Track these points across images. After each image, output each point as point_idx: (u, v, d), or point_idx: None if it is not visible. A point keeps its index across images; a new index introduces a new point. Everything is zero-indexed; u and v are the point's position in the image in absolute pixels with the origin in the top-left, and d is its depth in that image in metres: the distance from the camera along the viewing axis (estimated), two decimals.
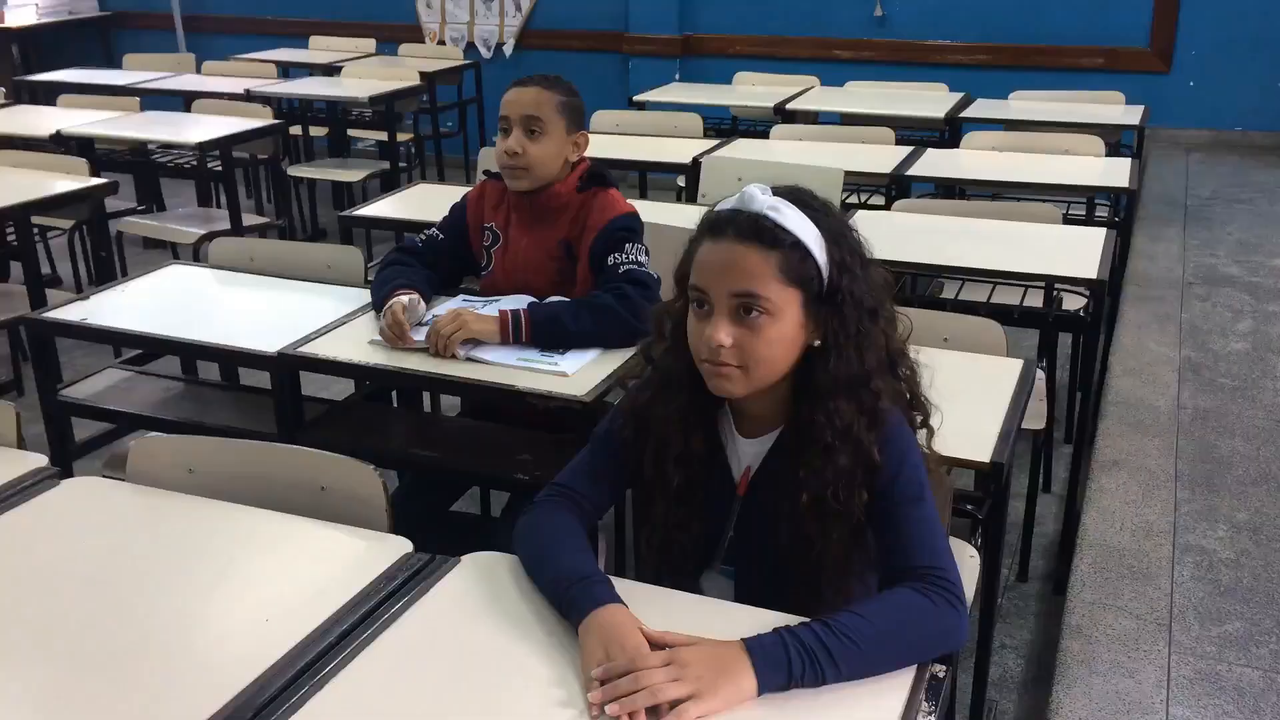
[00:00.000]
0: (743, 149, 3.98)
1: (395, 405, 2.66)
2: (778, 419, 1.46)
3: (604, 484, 1.55)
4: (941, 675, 1.26)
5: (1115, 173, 3.61)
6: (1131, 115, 4.52)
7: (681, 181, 4.11)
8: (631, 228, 2.28)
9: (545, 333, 2.14)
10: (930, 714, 1.20)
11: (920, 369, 1.49)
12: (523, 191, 2.32)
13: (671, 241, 2.58)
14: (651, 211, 2.65)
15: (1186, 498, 2.70)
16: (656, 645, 1.25)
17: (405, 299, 2.21)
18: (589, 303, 2.18)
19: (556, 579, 1.36)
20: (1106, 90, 4.86)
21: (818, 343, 1.39)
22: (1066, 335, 3.13)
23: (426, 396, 2.83)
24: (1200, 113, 5.79)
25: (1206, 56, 5.72)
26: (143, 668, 1.26)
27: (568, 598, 1.32)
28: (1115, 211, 3.95)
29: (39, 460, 1.70)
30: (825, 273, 1.37)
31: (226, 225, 4.37)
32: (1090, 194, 3.84)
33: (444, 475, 2.38)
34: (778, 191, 1.40)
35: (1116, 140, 4.35)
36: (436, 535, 1.61)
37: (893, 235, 2.82)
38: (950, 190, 3.72)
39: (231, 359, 2.56)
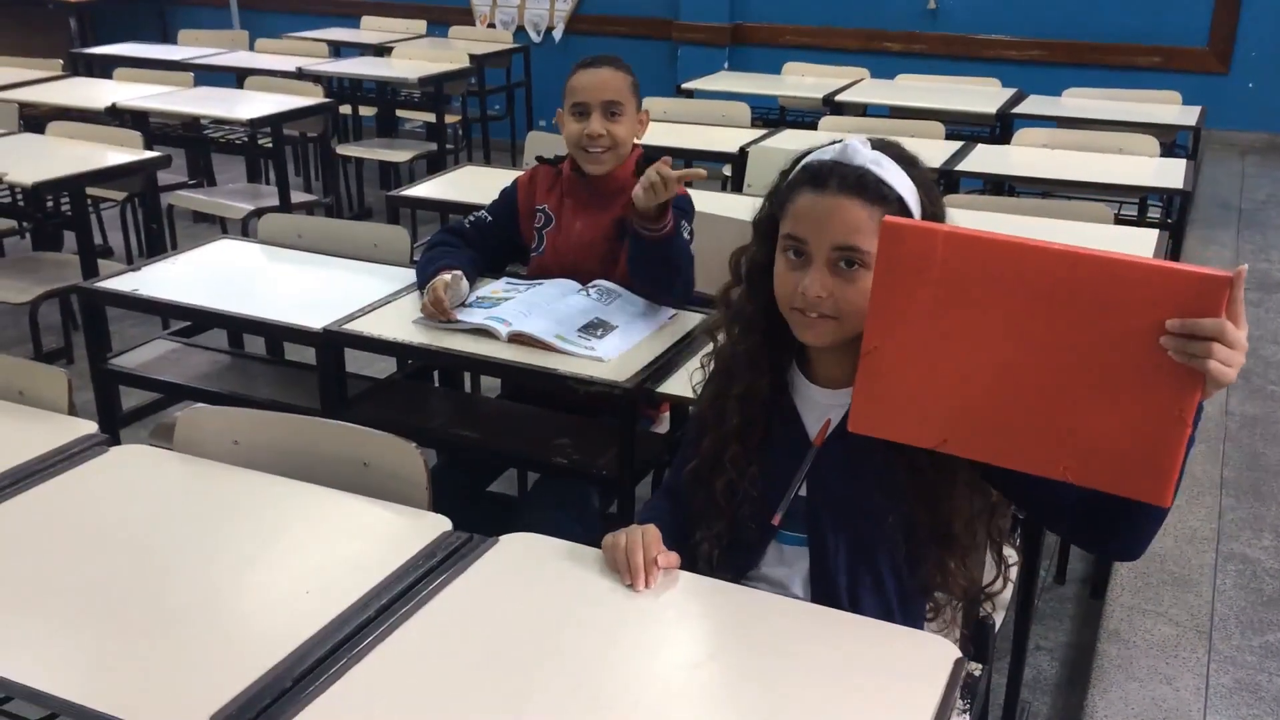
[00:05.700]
0: (790, 140, 3.96)
1: (437, 385, 2.68)
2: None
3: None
4: (977, 674, 1.25)
5: (1169, 174, 3.55)
6: (1188, 116, 4.43)
7: (728, 171, 4.09)
8: (684, 208, 2.30)
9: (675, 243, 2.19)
10: (965, 712, 1.19)
11: None
12: (585, 174, 2.34)
13: (716, 230, 2.59)
14: (696, 200, 2.64)
15: (1231, 505, 2.66)
16: None
17: (448, 276, 2.22)
18: None
19: None
20: (1162, 90, 4.78)
21: None
22: None
23: (467, 377, 2.85)
24: (1258, 115, 5.68)
25: (1266, 58, 5.61)
26: (184, 634, 1.28)
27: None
28: (1168, 213, 3.88)
29: (89, 427, 1.73)
30: None
31: (275, 201, 4.42)
32: (1143, 194, 3.77)
33: (483, 455, 2.39)
34: (874, 145, 1.41)
35: (1171, 141, 4.28)
36: (473, 514, 1.63)
37: None
38: (1000, 187, 3.67)
39: (278, 334, 2.59)
